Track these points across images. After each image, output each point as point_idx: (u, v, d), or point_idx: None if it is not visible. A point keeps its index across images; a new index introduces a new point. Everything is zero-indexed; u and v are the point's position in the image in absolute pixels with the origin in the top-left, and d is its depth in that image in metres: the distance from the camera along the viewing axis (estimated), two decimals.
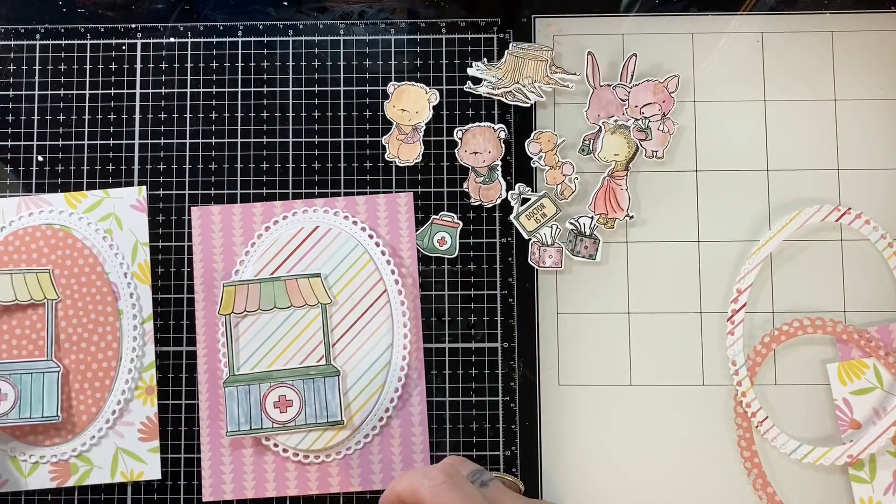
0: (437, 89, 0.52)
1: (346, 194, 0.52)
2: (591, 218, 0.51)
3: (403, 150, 0.52)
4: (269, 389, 0.49)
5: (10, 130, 0.53)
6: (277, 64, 0.53)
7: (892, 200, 0.52)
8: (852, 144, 0.52)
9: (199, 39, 0.53)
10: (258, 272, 0.51)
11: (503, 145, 0.52)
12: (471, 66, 0.52)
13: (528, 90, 0.51)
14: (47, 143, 0.53)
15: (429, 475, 0.41)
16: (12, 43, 0.54)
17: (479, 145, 0.52)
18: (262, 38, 0.53)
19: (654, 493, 0.50)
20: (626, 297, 0.51)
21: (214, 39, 0.53)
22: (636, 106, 0.52)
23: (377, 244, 0.51)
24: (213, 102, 0.53)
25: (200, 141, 0.53)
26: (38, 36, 0.54)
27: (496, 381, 0.51)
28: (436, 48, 0.53)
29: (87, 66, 0.53)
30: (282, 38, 0.53)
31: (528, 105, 0.52)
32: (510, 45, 0.53)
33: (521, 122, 0.53)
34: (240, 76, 0.53)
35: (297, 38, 0.53)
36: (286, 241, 0.51)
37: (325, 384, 0.49)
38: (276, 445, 0.50)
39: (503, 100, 0.51)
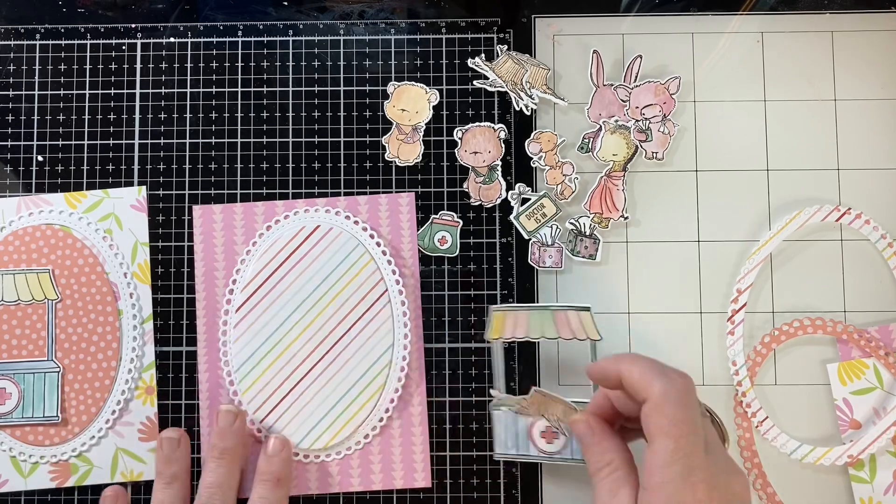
0: (437, 89, 0.52)
1: (346, 194, 0.52)
2: (590, 217, 0.51)
3: (403, 150, 0.52)
4: (536, 418, 0.48)
5: (10, 130, 0.53)
6: (277, 64, 0.53)
7: (892, 200, 0.52)
8: (852, 144, 0.52)
9: (199, 39, 0.53)
10: (259, 271, 0.50)
11: (503, 145, 0.52)
12: (472, 59, 0.52)
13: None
14: (47, 143, 0.53)
15: (668, 375, 0.39)
16: (12, 43, 0.54)
17: (479, 145, 0.52)
18: (262, 38, 0.53)
19: None
20: (626, 297, 0.51)
21: (214, 39, 0.53)
22: (637, 107, 0.52)
23: (378, 244, 0.51)
24: (213, 102, 0.53)
25: (200, 141, 0.53)
26: (38, 36, 0.54)
27: None
28: (436, 48, 0.53)
29: (87, 66, 0.53)
30: (282, 38, 0.53)
31: (520, 108, 0.52)
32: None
33: (521, 122, 0.53)
34: (240, 76, 0.53)
35: (297, 38, 0.53)
36: (287, 240, 0.51)
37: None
38: None
39: (504, 88, 0.51)
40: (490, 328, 0.49)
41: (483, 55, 0.53)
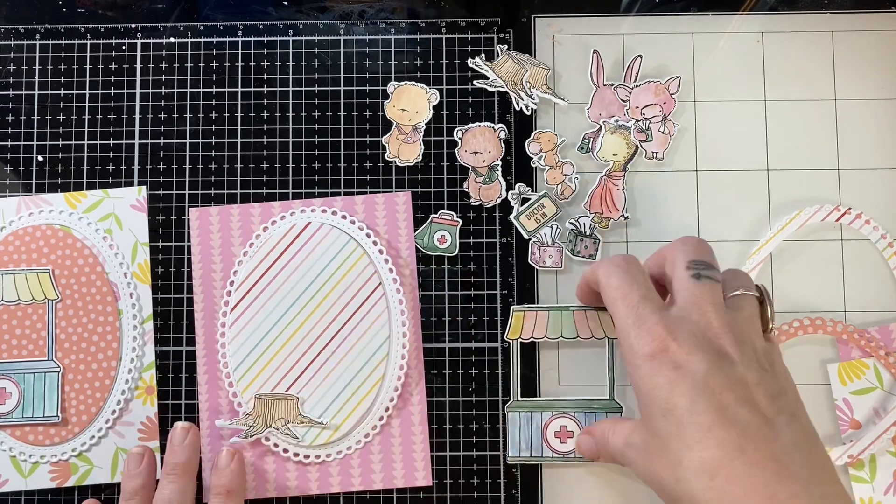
0: (437, 89, 0.52)
1: (345, 194, 0.52)
2: (590, 217, 0.51)
3: (403, 149, 0.52)
4: (551, 419, 0.49)
5: (10, 130, 0.53)
6: (277, 64, 0.53)
7: (892, 200, 0.52)
8: (852, 144, 0.52)
9: (199, 39, 0.53)
10: (252, 270, 0.51)
11: (503, 145, 0.52)
12: (472, 59, 0.52)
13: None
14: (47, 143, 0.53)
15: (607, 258, 0.44)
16: (12, 43, 0.54)
17: (479, 145, 0.52)
18: (262, 38, 0.53)
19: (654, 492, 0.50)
20: None
21: (214, 39, 0.53)
22: (637, 107, 0.52)
23: (375, 243, 0.51)
24: (213, 102, 0.53)
25: (200, 141, 0.53)
26: (38, 36, 0.54)
27: (496, 381, 0.51)
28: (436, 48, 0.53)
29: (87, 66, 0.53)
30: (282, 38, 0.53)
31: (520, 108, 0.52)
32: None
33: (521, 122, 0.53)
34: (240, 76, 0.53)
35: (297, 38, 0.53)
36: (278, 239, 0.51)
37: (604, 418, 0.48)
38: (276, 446, 0.50)
39: (504, 88, 0.51)
40: (509, 328, 0.50)
41: (483, 55, 0.53)
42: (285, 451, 0.50)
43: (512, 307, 0.50)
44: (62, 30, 0.54)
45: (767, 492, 0.34)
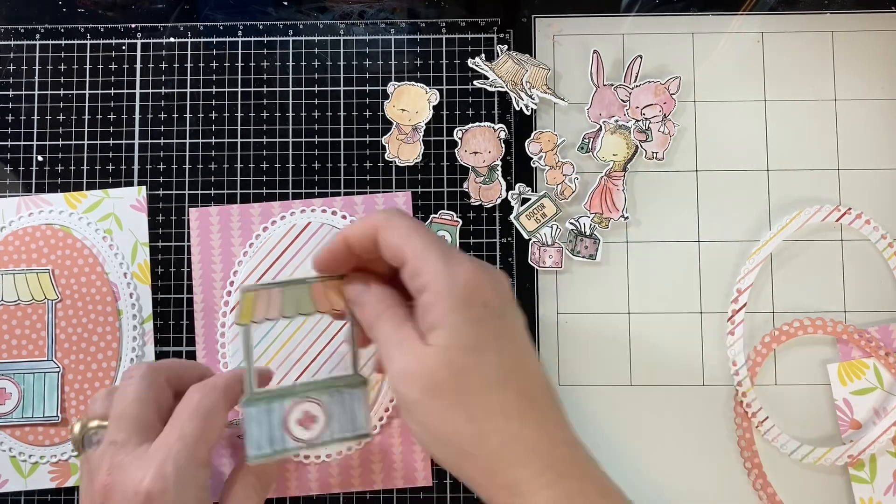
0: (437, 89, 0.52)
1: (345, 194, 0.52)
2: (590, 217, 0.51)
3: (403, 149, 0.52)
4: (291, 406, 0.43)
5: (10, 130, 0.53)
6: (277, 64, 0.53)
7: (892, 200, 0.52)
8: (852, 144, 0.52)
9: (199, 39, 0.53)
10: (252, 271, 0.51)
11: (503, 145, 0.52)
12: (472, 59, 0.52)
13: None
14: (47, 143, 0.53)
15: (452, 267, 0.36)
16: (12, 43, 0.54)
17: (479, 145, 0.52)
18: (262, 38, 0.53)
19: (655, 492, 0.50)
20: (626, 297, 0.51)
21: (214, 39, 0.53)
22: (637, 107, 0.52)
23: None
24: (213, 102, 0.53)
25: (200, 141, 0.53)
26: (38, 36, 0.54)
27: None
28: (436, 48, 0.53)
29: (87, 66, 0.53)
30: (282, 38, 0.53)
31: (520, 108, 0.52)
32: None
33: (521, 122, 0.53)
34: (240, 76, 0.53)
35: (297, 38, 0.53)
36: (278, 239, 0.51)
37: (353, 396, 0.44)
38: None
39: (504, 88, 0.51)
40: (240, 311, 0.41)
41: (483, 55, 0.53)
42: None
43: (240, 288, 0.44)
44: (62, 30, 0.54)
45: None
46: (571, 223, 0.51)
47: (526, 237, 0.51)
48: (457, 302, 0.35)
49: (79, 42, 0.54)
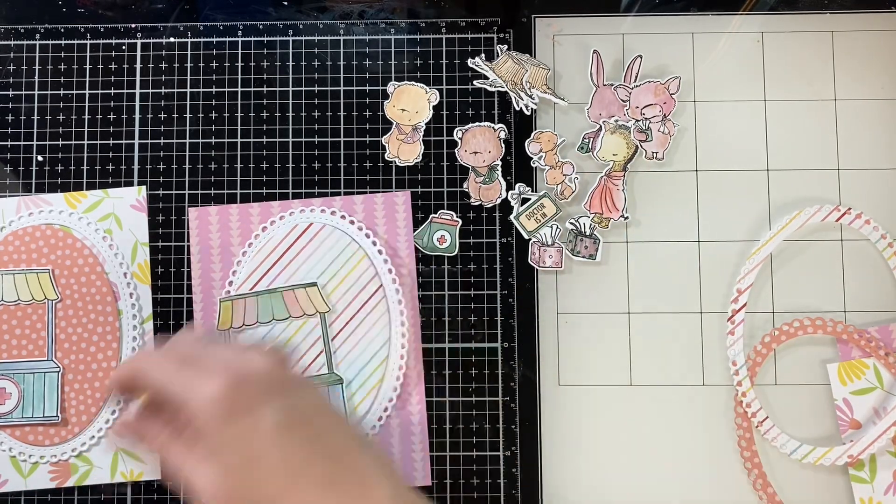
0: (437, 89, 0.52)
1: (345, 194, 0.52)
2: (590, 217, 0.51)
3: (403, 149, 0.52)
4: None
5: (10, 130, 0.53)
6: (277, 64, 0.53)
7: (892, 200, 0.52)
8: (852, 144, 0.52)
9: (199, 39, 0.53)
10: (252, 271, 0.51)
11: (503, 145, 0.52)
12: (472, 59, 0.52)
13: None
14: (47, 143, 0.53)
15: (195, 391, 0.39)
16: (12, 43, 0.54)
17: (479, 145, 0.52)
18: (262, 38, 0.53)
19: (654, 492, 0.50)
20: (626, 297, 0.51)
21: (214, 39, 0.53)
22: (637, 107, 0.52)
23: (374, 243, 0.51)
24: (213, 102, 0.53)
25: (200, 141, 0.53)
26: (38, 36, 0.54)
27: (496, 381, 0.51)
28: (436, 48, 0.53)
29: (87, 66, 0.53)
30: (282, 38, 0.53)
31: (520, 108, 0.52)
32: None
33: (521, 122, 0.53)
34: (240, 76, 0.53)
35: (297, 38, 0.53)
36: (279, 240, 0.51)
37: (329, 393, 0.48)
38: None
39: (504, 88, 0.51)
40: (219, 319, 0.49)
41: (483, 55, 0.53)
42: None
43: (219, 298, 0.50)
44: (62, 30, 0.54)
45: None
46: (571, 223, 0.51)
47: (526, 237, 0.51)
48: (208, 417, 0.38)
49: (79, 42, 0.54)
